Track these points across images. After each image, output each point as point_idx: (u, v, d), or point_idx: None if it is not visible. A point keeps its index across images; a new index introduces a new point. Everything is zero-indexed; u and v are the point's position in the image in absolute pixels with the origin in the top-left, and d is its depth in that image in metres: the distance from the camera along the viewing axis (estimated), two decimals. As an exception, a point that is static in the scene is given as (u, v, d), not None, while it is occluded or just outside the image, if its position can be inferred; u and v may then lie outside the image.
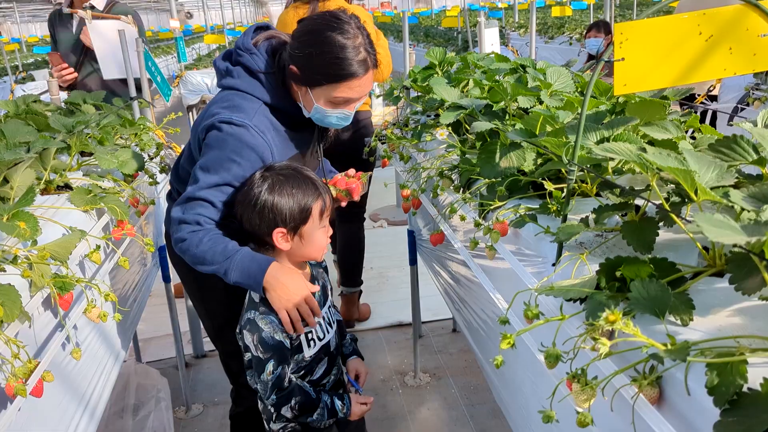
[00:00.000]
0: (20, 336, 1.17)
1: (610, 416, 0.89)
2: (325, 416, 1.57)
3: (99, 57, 2.67)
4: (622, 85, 1.06)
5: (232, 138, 1.56)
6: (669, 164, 0.81)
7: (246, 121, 1.57)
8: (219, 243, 1.54)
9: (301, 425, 1.63)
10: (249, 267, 1.51)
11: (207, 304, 1.88)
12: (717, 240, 0.64)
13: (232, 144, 1.55)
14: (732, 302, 0.88)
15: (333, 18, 1.55)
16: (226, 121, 1.56)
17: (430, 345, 3.16)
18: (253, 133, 1.57)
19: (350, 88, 1.56)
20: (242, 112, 1.58)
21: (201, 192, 1.56)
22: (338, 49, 1.52)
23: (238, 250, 1.53)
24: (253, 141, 1.57)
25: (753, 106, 3.00)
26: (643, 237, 0.99)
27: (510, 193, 1.43)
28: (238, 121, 1.56)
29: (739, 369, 0.70)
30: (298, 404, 1.53)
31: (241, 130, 1.56)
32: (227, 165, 1.55)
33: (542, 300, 1.08)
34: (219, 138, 1.57)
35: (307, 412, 1.55)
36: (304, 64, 1.55)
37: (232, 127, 1.56)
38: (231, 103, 1.60)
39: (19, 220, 1.09)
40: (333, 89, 1.56)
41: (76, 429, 1.42)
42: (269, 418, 1.64)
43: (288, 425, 1.63)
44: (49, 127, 1.77)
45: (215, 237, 1.55)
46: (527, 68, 1.96)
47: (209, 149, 1.58)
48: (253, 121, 1.58)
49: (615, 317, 0.70)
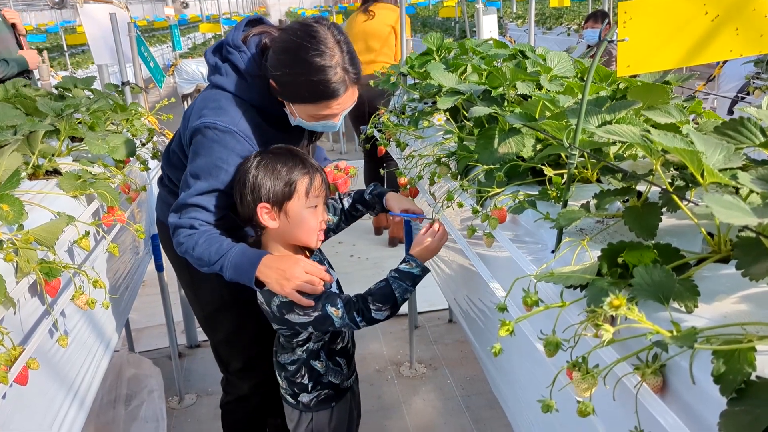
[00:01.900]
0: (5, 323, 1.14)
1: (611, 406, 0.86)
2: (406, 285, 1.53)
3: (90, 41, 2.62)
4: (626, 66, 1.02)
5: (217, 145, 1.55)
6: (675, 145, 0.78)
7: (231, 126, 1.55)
8: (213, 243, 1.54)
9: (332, 387, 1.67)
10: (241, 263, 1.50)
11: (198, 291, 1.87)
12: (727, 221, 0.61)
13: (218, 151, 1.54)
14: (738, 289, 0.85)
15: (308, 36, 1.47)
16: (211, 126, 1.54)
17: (426, 335, 3.13)
18: (239, 139, 1.56)
19: (329, 107, 1.53)
20: (228, 116, 1.56)
21: (192, 198, 1.56)
22: (314, 72, 1.46)
23: (231, 248, 1.52)
24: (238, 146, 1.56)
25: (753, 95, 2.97)
26: (646, 222, 0.96)
27: (508, 179, 1.40)
28: (222, 127, 1.54)
29: (747, 356, 0.68)
30: (377, 300, 1.50)
31: (226, 136, 1.55)
32: (215, 172, 1.55)
33: (541, 287, 1.05)
34: (205, 144, 1.56)
35: (390, 298, 1.51)
36: (282, 83, 1.53)
37: (216, 133, 1.54)
38: (218, 105, 1.58)
39: (3, 203, 1.06)
40: (312, 108, 1.54)
41: (64, 419, 1.39)
42: (300, 391, 1.67)
43: (321, 393, 1.67)
44: (37, 111, 1.73)
45: (210, 237, 1.55)
46: (526, 54, 1.93)
47: (196, 156, 1.57)
48: (238, 126, 1.56)
49: (620, 302, 0.67)
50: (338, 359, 1.69)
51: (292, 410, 1.74)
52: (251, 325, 1.86)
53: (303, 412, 1.71)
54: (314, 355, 1.65)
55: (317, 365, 1.65)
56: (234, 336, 1.89)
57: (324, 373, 1.67)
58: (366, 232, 4.39)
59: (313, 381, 1.66)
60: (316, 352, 1.65)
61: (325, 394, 1.69)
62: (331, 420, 1.72)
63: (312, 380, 1.66)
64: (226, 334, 1.88)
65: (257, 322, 1.84)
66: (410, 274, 1.54)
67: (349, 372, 1.74)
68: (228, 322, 1.86)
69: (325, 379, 1.67)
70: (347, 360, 1.72)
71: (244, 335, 1.88)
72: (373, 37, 3.95)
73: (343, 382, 1.72)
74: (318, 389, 1.68)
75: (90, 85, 2.24)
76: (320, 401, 1.69)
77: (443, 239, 1.58)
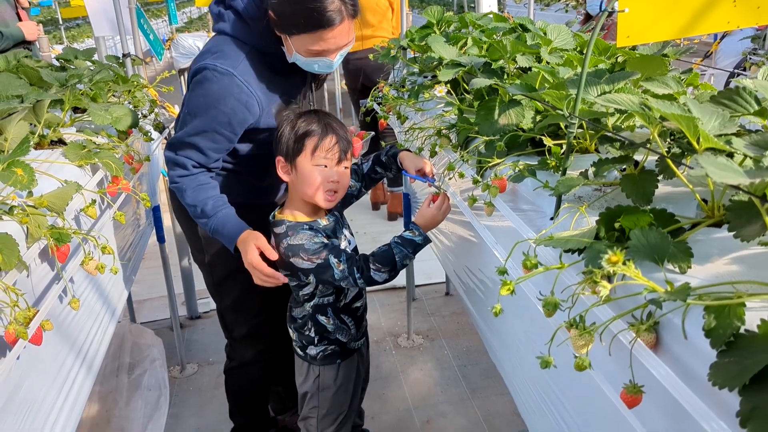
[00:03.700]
0: (18, 286, 1.16)
1: (607, 360, 0.90)
2: (407, 251, 1.59)
3: (90, 14, 2.61)
4: (625, 37, 1.05)
5: (216, 86, 1.59)
6: (673, 111, 0.81)
7: (230, 69, 1.59)
8: (199, 199, 1.65)
9: (339, 345, 1.74)
10: (221, 233, 1.64)
11: (209, 257, 1.90)
12: (721, 180, 0.64)
13: (216, 92, 1.60)
14: (729, 251, 0.88)
15: None
16: (211, 68, 1.59)
17: (423, 308, 3.18)
18: (237, 82, 1.60)
19: (323, 39, 1.54)
20: (228, 59, 1.60)
21: (189, 138, 1.64)
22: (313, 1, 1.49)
23: (214, 213, 1.64)
24: (236, 90, 1.60)
25: (750, 71, 2.99)
26: (643, 189, 1.00)
27: (508, 150, 1.43)
28: (222, 69, 1.59)
29: (736, 311, 0.71)
30: (378, 261, 1.57)
31: (225, 78, 1.59)
32: (211, 113, 1.61)
33: (541, 251, 1.09)
34: (204, 85, 1.61)
35: (391, 261, 1.57)
36: (280, 12, 1.56)
37: (216, 75, 1.59)
38: (219, 49, 1.63)
39: (16, 168, 1.08)
40: (307, 39, 1.56)
41: (74, 381, 1.43)
42: (308, 344, 1.75)
43: (328, 348, 1.74)
44: (41, 81, 1.74)
45: (198, 188, 1.66)
46: (527, 27, 1.94)
47: (195, 96, 1.63)
48: (238, 69, 1.60)
49: (617, 258, 0.70)
50: (344, 317, 1.74)
51: (301, 363, 1.81)
52: (258, 293, 1.89)
53: (311, 365, 1.78)
54: (321, 310, 1.70)
55: (323, 320, 1.71)
56: (241, 303, 1.93)
57: (331, 330, 1.72)
58: (364, 207, 4.42)
59: (319, 335, 1.73)
60: (323, 308, 1.70)
61: (331, 350, 1.75)
62: (337, 376, 1.78)
63: (318, 334, 1.73)
64: (233, 300, 1.92)
65: (264, 291, 1.88)
66: (412, 241, 1.59)
67: (358, 333, 1.79)
68: (236, 288, 1.90)
69: (332, 335, 1.73)
70: (355, 321, 1.76)
71: (250, 302, 1.92)
72: (371, 11, 3.93)
73: (351, 342, 1.77)
74: (324, 344, 1.74)
75: (91, 56, 2.25)
76: (326, 356, 1.75)
77: (447, 211, 1.63)
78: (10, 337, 1.03)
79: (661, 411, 0.81)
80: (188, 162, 1.65)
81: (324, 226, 1.65)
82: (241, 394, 2.14)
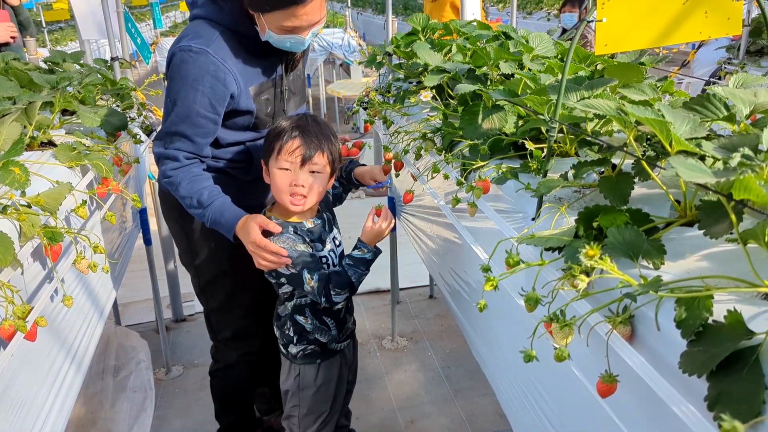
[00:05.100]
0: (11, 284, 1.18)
1: (585, 351, 0.94)
2: (361, 270, 1.68)
3: (78, 17, 2.63)
4: (603, 45, 1.10)
5: (192, 66, 1.58)
6: (647, 116, 0.86)
7: (204, 47, 1.58)
8: (194, 191, 1.64)
9: (318, 345, 1.78)
10: (219, 221, 1.64)
11: (197, 258, 1.91)
12: (690, 180, 0.69)
13: (193, 72, 1.58)
14: (700, 248, 0.93)
15: None
16: (186, 49, 1.59)
17: (407, 310, 3.22)
18: (213, 59, 1.59)
19: (295, 15, 1.55)
20: (202, 38, 1.60)
21: (175, 127, 1.63)
22: None
23: (211, 201, 1.63)
24: (212, 67, 1.59)
25: (725, 79, 3.08)
26: (620, 190, 1.04)
27: (491, 153, 1.48)
28: (196, 48, 1.58)
29: (705, 304, 0.76)
30: (336, 286, 1.64)
31: (200, 57, 1.58)
32: (191, 95, 1.59)
33: (523, 249, 1.13)
34: (181, 67, 1.60)
35: (348, 284, 1.66)
36: None
37: (191, 55, 1.58)
38: (193, 31, 1.63)
39: (14, 167, 1.10)
40: (280, 16, 1.56)
41: (64, 379, 1.44)
42: (288, 342, 1.79)
43: (308, 348, 1.78)
44: (32, 83, 1.76)
45: (193, 179, 1.65)
46: (510, 35, 1.99)
47: (173, 81, 1.62)
48: (212, 47, 1.59)
49: (594, 252, 0.75)
50: (325, 318, 1.77)
51: (284, 360, 1.86)
52: (245, 296, 1.92)
53: (292, 363, 1.82)
54: (299, 310, 1.75)
55: (301, 320, 1.75)
56: (227, 305, 1.95)
57: (310, 330, 1.76)
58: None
59: (298, 335, 1.77)
60: (301, 308, 1.74)
61: (311, 350, 1.78)
62: (317, 377, 1.81)
63: (297, 333, 1.77)
64: (220, 302, 1.94)
65: (252, 294, 1.91)
66: (363, 259, 1.68)
67: (340, 335, 1.81)
68: (223, 290, 1.92)
69: (311, 335, 1.76)
70: (336, 322, 1.79)
71: (236, 305, 1.94)
72: None
73: (332, 342, 1.80)
74: (304, 344, 1.78)
75: (79, 59, 2.27)
76: (306, 355, 1.79)
77: (391, 224, 1.72)
78: (5, 333, 1.05)
79: (635, 398, 0.85)
80: (179, 154, 1.64)
81: (309, 229, 1.68)
82: (227, 396, 2.16)
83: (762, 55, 3.23)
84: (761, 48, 3.23)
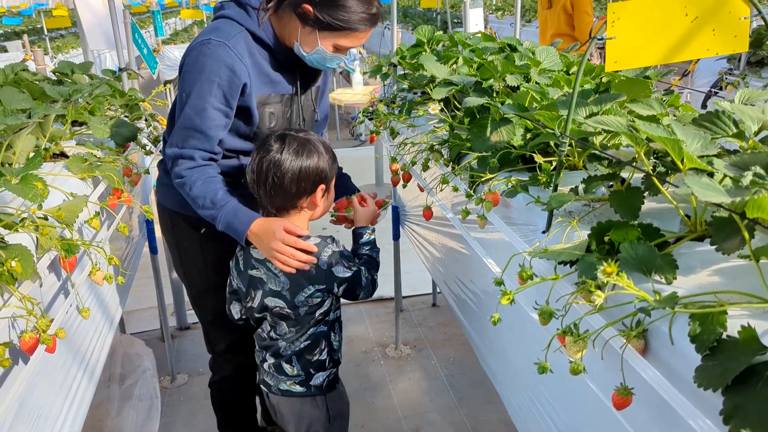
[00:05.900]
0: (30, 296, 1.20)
1: (598, 366, 0.96)
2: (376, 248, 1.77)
3: (85, 28, 2.65)
4: (613, 62, 1.12)
5: (210, 59, 1.57)
6: (659, 134, 0.88)
7: (224, 40, 1.58)
8: (209, 191, 1.60)
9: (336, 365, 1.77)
10: (232, 222, 1.59)
11: (187, 271, 1.91)
12: (705, 199, 0.71)
13: (210, 64, 1.57)
14: (711, 263, 0.95)
15: None
16: (205, 42, 1.58)
17: (411, 319, 3.24)
18: (231, 54, 1.58)
19: (357, 38, 1.60)
20: (222, 33, 1.60)
21: (189, 121, 1.60)
22: (360, 3, 1.55)
23: (225, 203, 1.59)
24: (229, 60, 1.57)
25: (726, 90, 3.11)
26: (630, 204, 1.06)
27: (500, 166, 1.50)
28: (215, 41, 1.57)
29: (719, 319, 0.78)
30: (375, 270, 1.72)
31: (218, 49, 1.57)
32: (207, 86, 1.57)
33: (535, 263, 1.15)
34: (198, 60, 1.59)
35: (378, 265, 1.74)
36: (322, 8, 1.54)
37: (209, 47, 1.57)
38: (214, 27, 1.63)
39: (31, 182, 1.12)
40: (341, 37, 1.58)
41: (77, 389, 1.46)
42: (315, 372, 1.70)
43: (332, 372, 1.74)
44: (44, 95, 1.78)
45: (207, 180, 1.61)
46: (515, 47, 2.02)
47: (189, 73, 1.60)
48: (231, 41, 1.59)
49: (612, 269, 0.77)
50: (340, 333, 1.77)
51: (301, 404, 1.72)
52: None
53: (314, 398, 1.71)
54: (333, 327, 1.71)
55: (332, 337, 1.72)
56: (219, 318, 1.90)
57: (336, 348, 1.73)
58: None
59: (328, 357, 1.71)
60: (332, 324, 1.71)
61: (334, 373, 1.75)
62: (342, 397, 1.79)
63: (328, 355, 1.71)
64: (212, 315, 1.92)
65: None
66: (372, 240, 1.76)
67: None
68: (214, 303, 1.89)
69: (336, 355, 1.74)
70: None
71: (228, 318, 1.89)
72: None
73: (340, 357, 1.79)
74: (330, 367, 1.72)
75: (88, 70, 2.28)
76: (330, 381, 1.73)
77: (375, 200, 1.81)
78: (26, 345, 1.07)
79: (649, 412, 0.87)
80: (195, 153, 1.61)
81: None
82: (227, 407, 2.14)
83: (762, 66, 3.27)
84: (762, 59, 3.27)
